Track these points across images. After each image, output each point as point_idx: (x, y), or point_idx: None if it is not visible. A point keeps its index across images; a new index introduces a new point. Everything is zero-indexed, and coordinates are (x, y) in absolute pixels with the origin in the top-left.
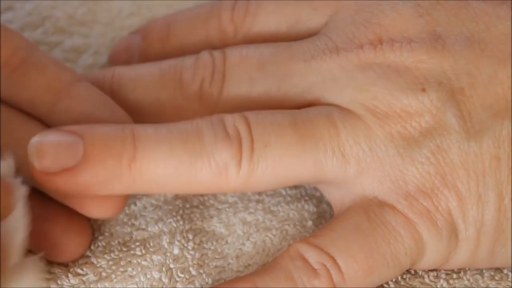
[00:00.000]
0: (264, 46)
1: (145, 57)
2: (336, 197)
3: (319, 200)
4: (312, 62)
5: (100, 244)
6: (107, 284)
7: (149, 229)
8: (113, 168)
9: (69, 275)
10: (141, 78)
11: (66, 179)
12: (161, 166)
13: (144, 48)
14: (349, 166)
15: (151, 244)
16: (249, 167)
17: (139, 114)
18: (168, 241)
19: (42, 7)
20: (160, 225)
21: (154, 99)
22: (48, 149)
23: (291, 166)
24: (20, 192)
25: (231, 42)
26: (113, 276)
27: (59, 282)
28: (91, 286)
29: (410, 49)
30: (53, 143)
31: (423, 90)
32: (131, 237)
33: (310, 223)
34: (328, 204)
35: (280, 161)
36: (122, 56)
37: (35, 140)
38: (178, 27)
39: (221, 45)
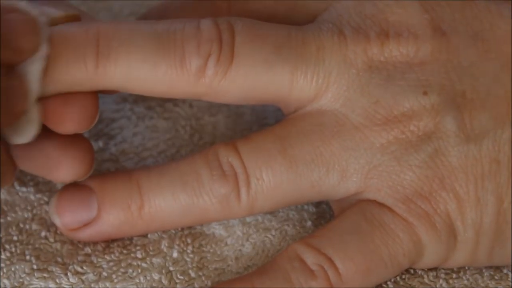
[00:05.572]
0: (274, 25)
1: None
2: (335, 199)
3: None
4: (325, 52)
5: (100, 244)
6: (107, 284)
7: (149, 235)
8: (125, 218)
9: (68, 274)
10: (135, 43)
11: (87, 232)
12: (167, 210)
13: None
14: (345, 179)
15: (151, 248)
16: (248, 198)
17: (129, 82)
18: (167, 245)
19: None
20: (159, 232)
21: (150, 68)
22: (65, 208)
23: (288, 192)
24: (45, 32)
25: None
26: (113, 276)
27: (57, 281)
28: (91, 286)
29: (416, 47)
30: (69, 201)
31: (425, 93)
32: (131, 242)
33: (309, 223)
34: (328, 205)
35: (276, 191)
36: None
37: (53, 201)
38: (172, 10)
39: None
